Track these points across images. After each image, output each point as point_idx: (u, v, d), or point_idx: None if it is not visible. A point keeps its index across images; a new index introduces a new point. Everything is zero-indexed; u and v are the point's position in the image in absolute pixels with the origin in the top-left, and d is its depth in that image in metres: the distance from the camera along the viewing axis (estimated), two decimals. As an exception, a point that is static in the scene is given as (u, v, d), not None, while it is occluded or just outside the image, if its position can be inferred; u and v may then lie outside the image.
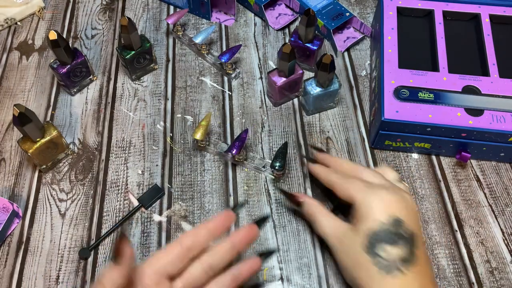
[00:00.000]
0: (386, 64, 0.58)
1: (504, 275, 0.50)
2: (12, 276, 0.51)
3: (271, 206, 0.55)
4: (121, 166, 0.58)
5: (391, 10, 0.64)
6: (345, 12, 0.68)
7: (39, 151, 0.54)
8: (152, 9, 0.75)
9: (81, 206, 0.55)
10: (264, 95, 0.64)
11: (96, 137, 0.61)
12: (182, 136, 0.61)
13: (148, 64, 0.66)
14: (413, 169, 0.58)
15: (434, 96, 0.55)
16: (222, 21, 0.73)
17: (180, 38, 0.70)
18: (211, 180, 0.57)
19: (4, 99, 0.65)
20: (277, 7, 0.74)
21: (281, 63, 0.57)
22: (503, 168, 0.58)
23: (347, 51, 0.69)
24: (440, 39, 0.60)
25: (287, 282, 0.50)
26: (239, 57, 0.68)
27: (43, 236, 0.53)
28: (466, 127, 0.53)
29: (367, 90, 0.65)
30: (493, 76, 0.57)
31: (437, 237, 0.53)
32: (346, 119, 0.62)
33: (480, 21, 0.62)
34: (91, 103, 0.64)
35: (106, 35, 0.71)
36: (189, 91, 0.65)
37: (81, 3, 0.76)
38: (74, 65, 0.61)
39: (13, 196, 0.56)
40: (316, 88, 0.58)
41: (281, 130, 0.61)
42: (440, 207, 0.55)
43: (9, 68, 0.68)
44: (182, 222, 0.54)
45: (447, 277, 0.50)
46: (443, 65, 0.58)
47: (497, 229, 0.53)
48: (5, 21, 0.72)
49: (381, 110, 0.54)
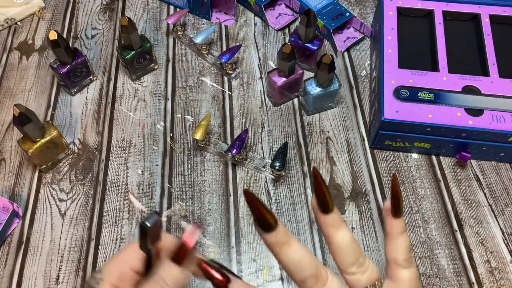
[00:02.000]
0: (386, 64, 0.58)
1: (504, 275, 0.50)
2: (12, 276, 0.51)
3: (271, 206, 0.55)
4: (121, 166, 0.58)
5: (391, 10, 0.64)
6: (345, 12, 0.68)
7: (39, 151, 0.54)
8: (152, 9, 0.75)
9: (81, 206, 0.55)
10: (264, 95, 0.64)
11: (96, 137, 0.61)
12: (182, 136, 0.61)
13: (148, 64, 0.66)
14: (413, 169, 0.58)
15: (434, 96, 0.55)
16: (222, 21, 0.73)
17: (180, 38, 0.70)
18: (211, 180, 0.57)
19: (4, 99, 0.65)
20: (277, 7, 0.74)
21: (281, 63, 0.57)
22: (503, 168, 0.58)
23: (347, 51, 0.69)
24: (440, 39, 0.60)
25: (287, 282, 0.50)
26: (239, 57, 0.68)
27: (43, 236, 0.53)
28: (466, 127, 0.53)
29: (367, 90, 0.65)
30: (493, 76, 0.57)
31: (437, 237, 0.53)
32: (346, 119, 0.62)
33: (480, 21, 0.62)
34: (91, 103, 0.64)
35: (106, 35, 0.71)
36: (189, 91, 0.65)
37: (81, 3, 0.76)
38: (74, 65, 0.61)
39: (13, 196, 0.56)
40: (316, 88, 0.58)
41: (281, 130, 0.61)
42: (440, 207, 0.55)
43: (9, 68, 0.68)
44: (182, 222, 0.54)
45: (447, 277, 0.50)
46: (443, 65, 0.58)
47: (497, 229, 0.53)
48: (5, 21, 0.72)
49: (381, 110, 0.54)
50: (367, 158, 0.59)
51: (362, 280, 0.31)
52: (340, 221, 0.31)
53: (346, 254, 0.31)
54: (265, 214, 0.29)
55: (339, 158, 0.59)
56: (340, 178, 0.57)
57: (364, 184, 0.57)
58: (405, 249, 0.33)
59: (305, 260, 0.30)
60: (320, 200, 0.30)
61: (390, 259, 0.33)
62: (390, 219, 0.33)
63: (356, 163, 0.58)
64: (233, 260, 0.51)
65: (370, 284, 0.31)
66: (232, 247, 0.52)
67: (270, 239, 0.29)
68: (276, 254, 0.30)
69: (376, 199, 0.56)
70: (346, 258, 0.31)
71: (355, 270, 0.31)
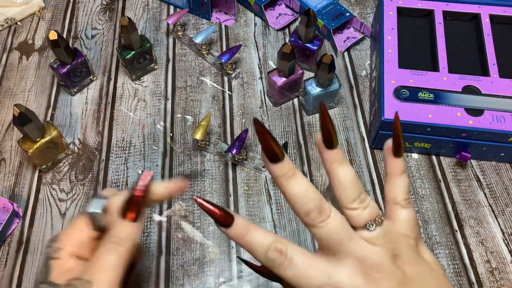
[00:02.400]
0: (386, 64, 0.58)
1: (504, 275, 0.50)
2: (12, 276, 0.51)
3: (271, 206, 0.55)
4: (121, 166, 0.58)
5: (391, 10, 0.64)
6: (345, 12, 0.68)
7: (39, 151, 0.54)
8: (152, 9, 0.75)
9: (81, 206, 0.55)
10: (264, 95, 0.64)
11: (96, 137, 0.61)
12: (182, 136, 0.61)
13: (148, 64, 0.66)
14: (413, 169, 0.58)
15: (434, 96, 0.55)
16: (222, 21, 0.73)
17: (180, 38, 0.70)
18: (211, 180, 0.57)
19: (4, 99, 0.65)
20: (277, 7, 0.74)
21: (281, 63, 0.57)
22: (503, 168, 0.58)
23: (347, 51, 0.69)
24: (440, 39, 0.60)
25: (287, 282, 0.50)
26: (239, 57, 0.68)
27: (43, 236, 0.53)
28: (466, 127, 0.53)
29: (367, 90, 0.65)
30: (493, 76, 0.57)
31: (437, 237, 0.53)
32: (346, 119, 0.62)
33: (480, 21, 0.62)
34: (91, 103, 0.64)
35: (106, 35, 0.71)
36: (189, 91, 0.65)
37: (81, 3, 0.76)
38: (74, 65, 0.61)
39: (13, 196, 0.56)
40: (316, 88, 0.58)
41: (281, 130, 0.61)
42: (440, 207, 0.55)
43: (9, 68, 0.68)
44: (182, 222, 0.54)
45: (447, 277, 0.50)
46: (443, 65, 0.58)
47: (497, 229, 0.53)
48: (5, 21, 0.72)
49: (381, 110, 0.54)
50: (367, 158, 0.59)
51: (363, 215, 0.31)
52: (343, 157, 0.32)
53: (349, 189, 0.31)
54: (272, 146, 0.30)
55: (339, 158, 0.59)
56: (340, 178, 0.57)
57: (364, 184, 0.57)
58: (404, 189, 0.34)
59: (309, 192, 0.31)
60: (325, 136, 0.31)
61: (390, 198, 0.34)
62: (391, 159, 0.34)
63: (356, 163, 0.58)
64: (233, 260, 0.51)
65: (371, 220, 0.31)
66: (232, 247, 0.52)
67: (276, 170, 0.30)
68: (281, 186, 0.31)
69: (376, 199, 0.56)
70: (348, 193, 0.31)
71: (357, 205, 0.31)
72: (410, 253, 0.32)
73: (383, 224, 0.31)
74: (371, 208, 0.31)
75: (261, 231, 0.31)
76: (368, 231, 0.31)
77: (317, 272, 0.30)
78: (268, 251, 0.31)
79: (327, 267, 0.31)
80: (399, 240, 0.32)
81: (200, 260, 0.52)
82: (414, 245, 0.33)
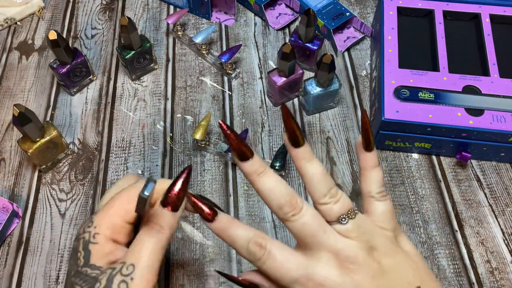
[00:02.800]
0: (386, 64, 0.58)
1: (504, 275, 0.50)
2: (12, 276, 0.51)
3: (271, 206, 0.55)
4: (121, 166, 0.58)
5: (391, 10, 0.64)
6: (345, 12, 0.68)
7: (39, 151, 0.54)
8: (152, 9, 0.75)
9: (81, 206, 0.55)
10: (264, 95, 0.64)
11: (96, 137, 0.61)
12: (182, 136, 0.61)
13: (148, 64, 0.65)
14: (413, 169, 0.58)
15: (434, 96, 0.55)
16: (222, 21, 0.73)
17: (180, 38, 0.70)
18: (211, 180, 0.57)
19: (4, 99, 0.65)
20: (277, 7, 0.73)
21: (281, 63, 0.57)
22: (504, 168, 0.58)
23: (347, 51, 0.69)
24: (441, 39, 0.60)
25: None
26: (239, 57, 0.68)
27: (43, 236, 0.53)
28: (466, 127, 0.53)
29: (367, 90, 0.65)
30: (493, 76, 0.57)
31: (437, 237, 0.53)
32: (346, 119, 0.62)
33: (480, 21, 0.62)
34: (91, 103, 0.64)
35: (106, 35, 0.71)
36: (189, 91, 0.65)
37: (81, 3, 0.76)
38: (74, 65, 0.61)
39: (13, 196, 0.56)
40: (316, 88, 0.58)
41: (281, 130, 0.61)
42: (440, 207, 0.55)
43: (9, 68, 0.68)
44: (182, 222, 0.54)
45: (447, 277, 0.50)
46: (443, 65, 0.58)
47: (498, 229, 0.53)
48: (5, 21, 0.72)
49: (381, 110, 0.54)
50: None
51: (334, 209, 0.32)
52: (311, 154, 0.33)
53: (318, 184, 0.32)
54: (241, 147, 0.32)
55: (339, 158, 0.59)
56: (340, 178, 0.57)
57: (364, 184, 0.57)
58: (378, 182, 0.35)
59: (280, 188, 0.32)
60: (290, 135, 0.33)
61: (365, 192, 0.35)
62: (363, 154, 0.35)
63: (356, 163, 0.58)
64: (233, 260, 0.51)
65: (343, 213, 0.32)
66: (232, 247, 0.52)
67: (247, 168, 0.32)
68: (253, 182, 0.32)
69: (376, 199, 0.56)
70: (319, 188, 0.32)
71: (328, 200, 0.32)
72: (387, 244, 0.33)
73: (356, 217, 0.32)
74: (342, 202, 0.32)
75: (243, 226, 0.33)
76: (341, 224, 0.32)
77: (294, 265, 0.31)
78: (248, 244, 0.32)
79: (303, 260, 0.31)
80: (374, 232, 0.33)
81: (200, 260, 0.52)
82: (392, 236, 0.34)
